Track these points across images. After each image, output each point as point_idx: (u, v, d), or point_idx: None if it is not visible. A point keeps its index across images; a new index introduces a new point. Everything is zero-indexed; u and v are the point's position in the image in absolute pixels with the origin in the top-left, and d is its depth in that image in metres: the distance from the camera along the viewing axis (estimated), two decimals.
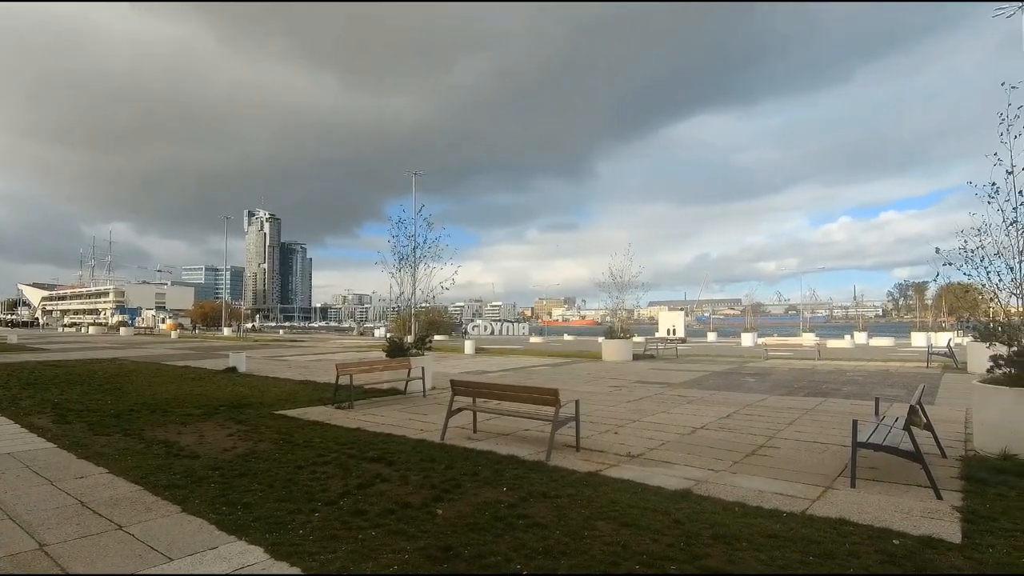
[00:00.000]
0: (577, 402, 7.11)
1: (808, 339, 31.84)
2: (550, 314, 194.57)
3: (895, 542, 3.94)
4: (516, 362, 21.52)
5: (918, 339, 31.71)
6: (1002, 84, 6.73)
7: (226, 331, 58.74)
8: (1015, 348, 6.31)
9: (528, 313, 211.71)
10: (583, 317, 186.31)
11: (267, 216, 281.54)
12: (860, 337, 36.25)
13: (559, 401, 6.52)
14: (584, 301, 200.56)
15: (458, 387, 7.58)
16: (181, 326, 76.18)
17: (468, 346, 28.10)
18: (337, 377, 10.63)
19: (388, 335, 16.24)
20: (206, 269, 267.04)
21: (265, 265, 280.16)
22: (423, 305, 14.79)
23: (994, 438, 6.29)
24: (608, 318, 23.76)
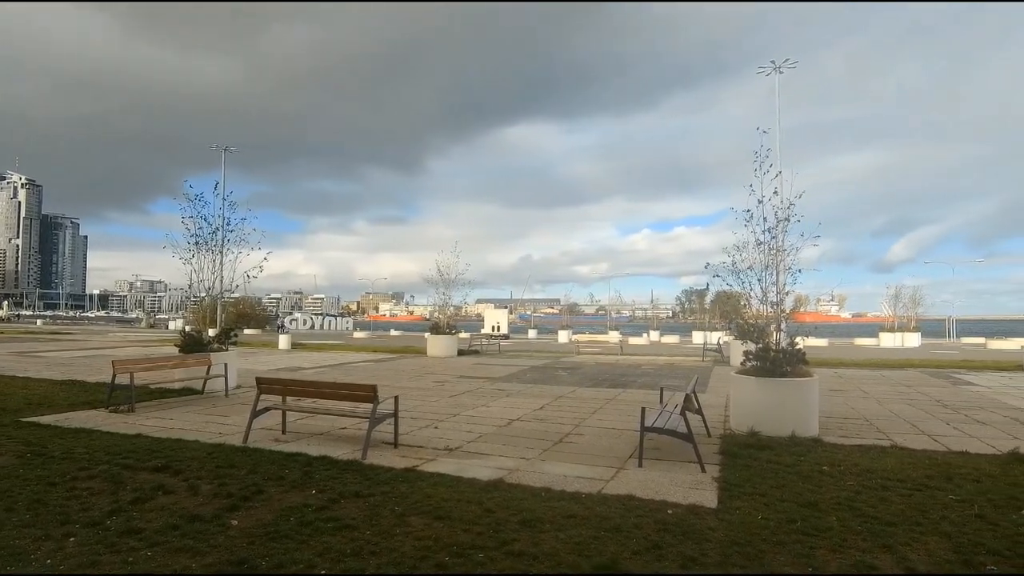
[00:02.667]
0: (397, 398, 6.98)
1: (613, 336, 35.62)
2: (377, 309, 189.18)
3: (669, 512, 4.55)
4: (337, 358, 20.52)
5: (697, 337, 37.25)
6: (757, 128, 8.18)
7: None
8: (760, 345, 7.74)
9: (353, 307, 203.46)
10: (411, 313, 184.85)
11: (23, 181, 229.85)
12: (654, 335, 41.50)
13: (377, 397, 6.34)
14: (413, 297, 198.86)
15: (265, 385, 6.96)
16: None
17: (283, 341, 26.05)
18: (114, 376, 9.07)
19: (186, 328, 14.29)
20: None
21: (19, 241, 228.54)
22: (229, 295, 13.26)
23: (744, 419, 7.64)
24: (436, 314, 23.85)
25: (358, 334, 44.62)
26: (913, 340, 31.75)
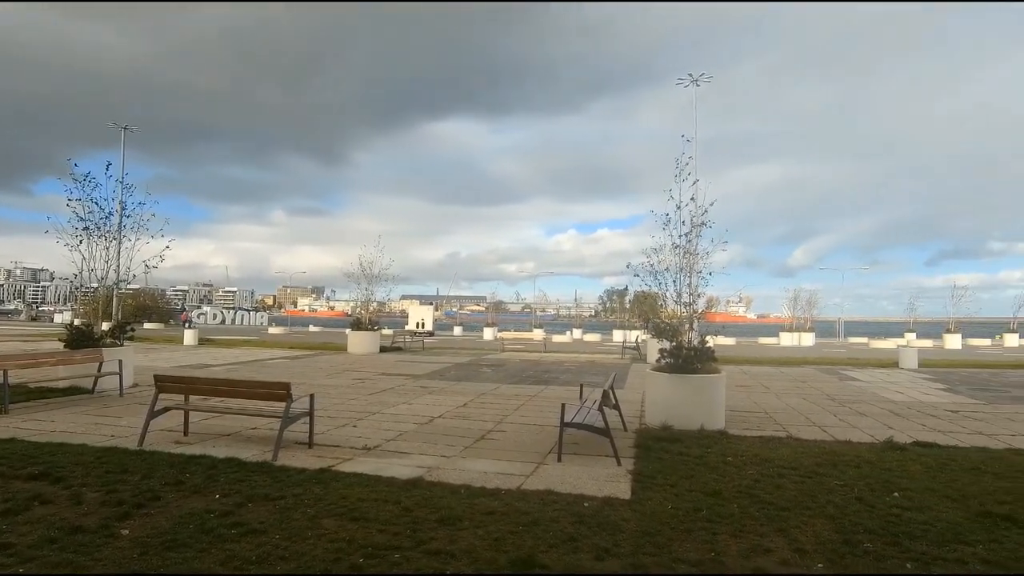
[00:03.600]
0: (312, 396, 6.70)
1: (538, 334, 36.15)
2: (295, 303, 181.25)
3: (585, 504, 4.66)
4: (249, 355, 19.46)
5: (618, 336, 38.59)
6: (682, 136, 8.58)
7: None
8: (674, 344, 8.12)
9: (269, 301, 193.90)
10: (332, 308, 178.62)
11: None
12: (577, 333, 42.58)
13: (291, 395, 6.06)
14: (334, 291, 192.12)
15: (166, 383, 6.45)
16: None
17: (189, 336, 24.37)
18: None
19: (74, 321, 13.00)
20: None
21: None
22: (126, 286, 12.20)
23: (658, 414, 7.98)
24: (358, 310, 23.19)
25: (274, 330, 42.57)
26: (808, 339, 34.58)
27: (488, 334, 38.68)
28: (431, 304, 58.78)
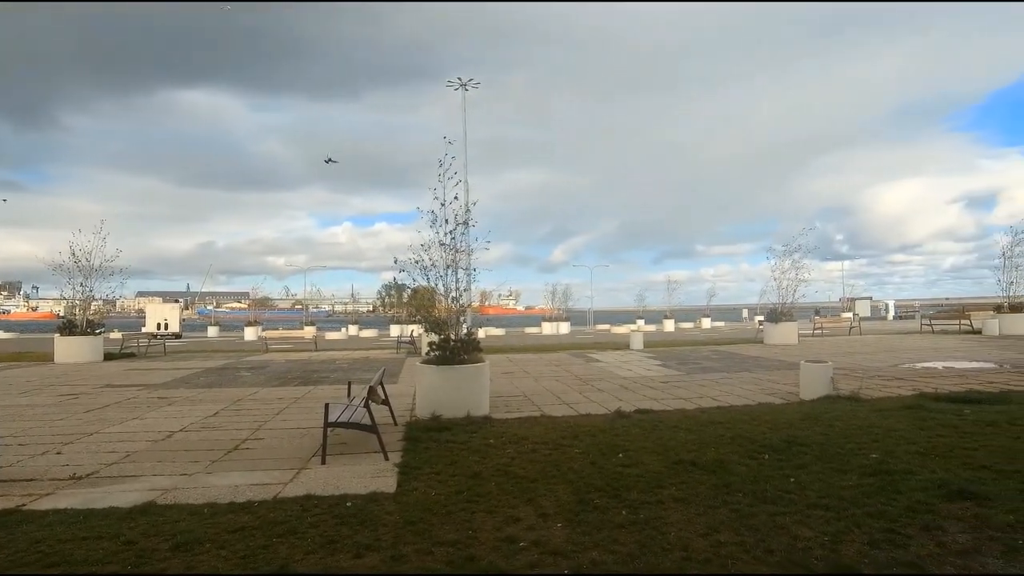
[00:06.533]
0: None
1: (309, 332, 33.94)
2: None
3: (348, 504, 4.53)
4: None
5: (396, 331, 38.45)
6: (444, 138, 8.80)
7: None
8: (442, 336, 8.40)
9: None
10: (34, 309, 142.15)
11: None
12: (353, 329, 41.22)
13: None
14: (36, 288, 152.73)
15: None
16: None
17: None
18: None
19: None
20: None
21: None
22: None
23: (428, 405, 8.18)
24: (75, 310, 18.84)
25: None
26: (565, 328, 39.20)
27: (250, 334, 35.08)
28: (178, 302, 50.89)
